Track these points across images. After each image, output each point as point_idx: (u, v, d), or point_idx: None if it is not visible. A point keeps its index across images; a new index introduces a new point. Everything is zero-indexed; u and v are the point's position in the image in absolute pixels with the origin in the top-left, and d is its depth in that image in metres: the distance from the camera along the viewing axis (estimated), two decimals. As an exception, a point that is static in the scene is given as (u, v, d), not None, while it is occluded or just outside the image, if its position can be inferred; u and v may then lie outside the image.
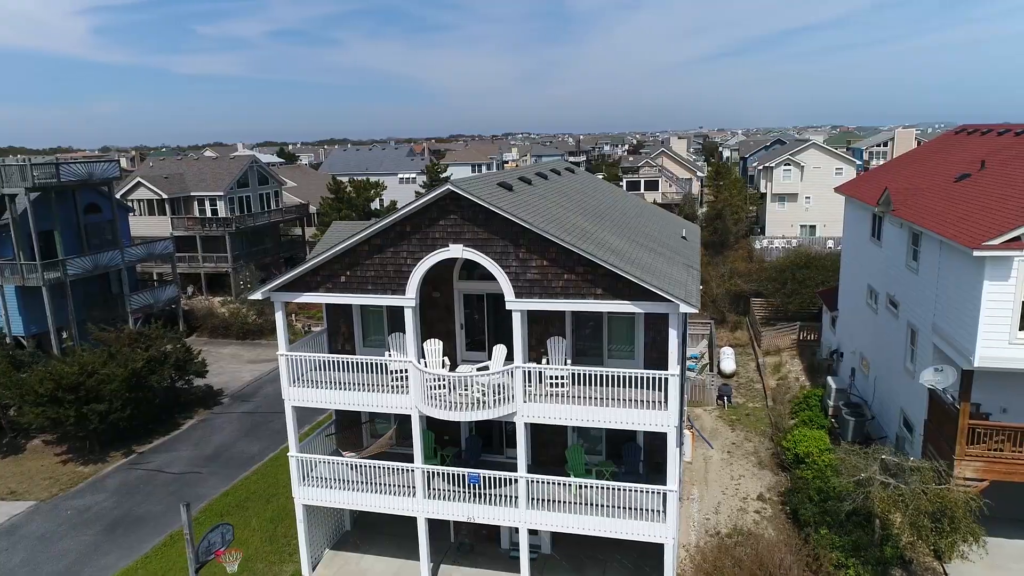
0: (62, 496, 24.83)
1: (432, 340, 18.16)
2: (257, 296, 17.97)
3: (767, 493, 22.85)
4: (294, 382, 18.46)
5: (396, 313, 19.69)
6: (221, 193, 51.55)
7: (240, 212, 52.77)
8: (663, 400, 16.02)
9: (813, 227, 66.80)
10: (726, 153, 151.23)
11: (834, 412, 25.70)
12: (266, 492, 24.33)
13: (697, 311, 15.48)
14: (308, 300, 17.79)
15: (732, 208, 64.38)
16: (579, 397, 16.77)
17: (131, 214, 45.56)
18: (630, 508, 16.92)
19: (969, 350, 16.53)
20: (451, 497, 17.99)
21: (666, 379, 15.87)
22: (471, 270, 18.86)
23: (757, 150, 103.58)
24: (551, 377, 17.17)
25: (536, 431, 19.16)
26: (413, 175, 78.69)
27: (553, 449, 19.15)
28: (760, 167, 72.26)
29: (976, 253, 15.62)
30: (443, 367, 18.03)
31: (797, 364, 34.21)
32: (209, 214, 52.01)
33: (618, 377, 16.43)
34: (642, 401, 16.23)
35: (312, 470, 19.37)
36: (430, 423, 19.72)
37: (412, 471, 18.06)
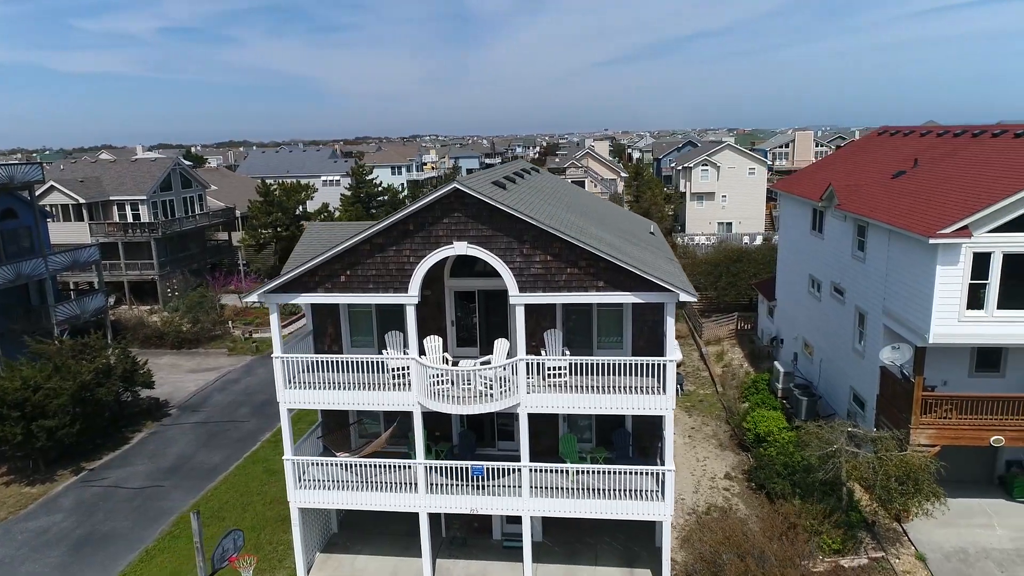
0: (13, 519, 23.34)
1: (432, 337, 18.44)
2: (253, 298, 17.71)
3: (732, 472, 24.32)
4: (289, 384, 18.26)
5: (387, 313, 19.86)
6: (143, 197, 49.20)
7: (164, 217, 50.52)
8: (661, 385, 16.96)
9: (730, 224, 70.44)
10: (636, 155, 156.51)
11: (784, 394, 27.60)
12: (239, 501, 23.75)
13: (696, 299, 16.51)
14: (306, 301, 17.68)
15: (656, 207, 67.06)
16: (578, 386, 17.48)
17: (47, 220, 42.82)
18: (630, 490, 17.78)
19: (924, 329, 18.37)
20: (452, 491, 18.32)
21: (664, 365, 16.82)
22: (462, 268, 19.26)
23: (670, 151, 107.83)
24: (550, 368, 17.80)
25: (530, 420, 19.73)
26: (337, 177, 77.43)
27: (545, 439, 19.76)
28: (679, 167, 75.44)
29: (932, 241, 17.43)
30: (444, 363, 18.32)
31: (738, 352, 36.30)
32: (130, 219, 49.52)
33: (617, 365, 17.25)
34: (641, 387, 17.13)
35: (306, 473, 19.18)
36: (422, 421, 19.97)
37: (415, 467, 18.26)
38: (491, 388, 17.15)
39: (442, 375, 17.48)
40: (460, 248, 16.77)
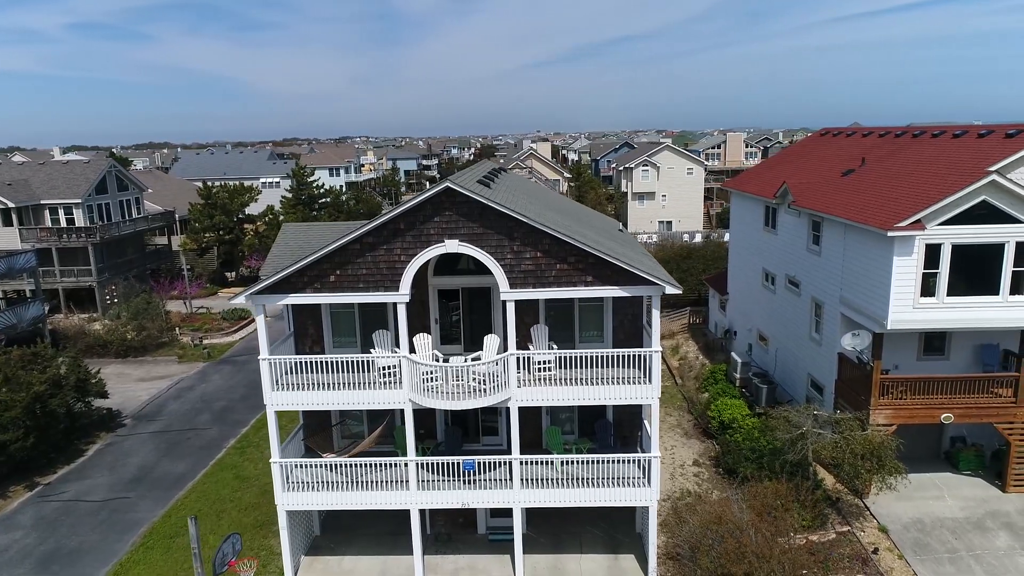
0: (-33, 539, 22.20)
1: (422, 335, 18.61)
2: (240, 300, 17.45)
3: (700, 459, 25.34)
4: (276, 386, 18.10)
5: (369, 313, 19.92)
6: (78, 200, 47.09)
7: (100, 220, 48.50)
8: (647, 375, 17.64)
9: (670, 223, 72.56)
10: (572, 156, 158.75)
11: (742, 383, 28.89)
12: (213, 509, 23.26)
13: (680, 291, 17.28)
14: (294, 301, 17.58)
15: (599, 207, 68.50)
16: (566, 379, 17.97)
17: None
18: (617, 477, 18.40)
19: (882, 316, 19.70)
20: (443, 486, 18.53)
21: (650, 356, 17.52)
22: (445, 266, 19.49)
23: (607, 152, 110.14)
24: (538, 362, 18.25)
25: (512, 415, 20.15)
26: (277, 179, 75.81)
27: (528, 432, 20.13)
28: (620, 168, 77.23)
29: (890, 234, 18.73)
30: (434, 361, 18.52)
31: (692, 345, 37.65)
32: (64, 223, 47.34)
33: (604, 357, 17.84)
34: (628, 378, 17.77)
35: (292, 475, 19.02)
36: (400, 418, 20.10)
37: (407, 464, 18.38)
38: (483, 383, 17.47)
39: (434, 372, 17.68)
40: (452, 246, 17.03)
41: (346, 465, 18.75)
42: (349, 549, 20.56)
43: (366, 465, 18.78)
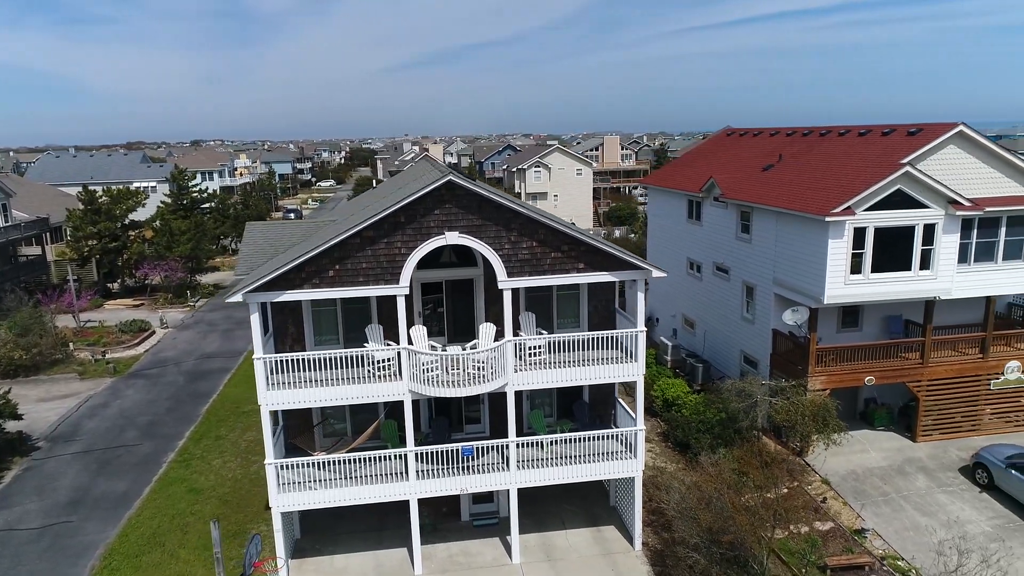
0: None
1: (417, 326, 18.90)
2: (238, 298, 16.99)
3: (649, 435, 27.07)
4: (270, 386, 17.76)
5: (352, 310, 19.92)
6: (-61, 208, 42.25)
7: (-34, 230, 43.72)
8: (632, 354, 18.97)
9: (562, 221, 75.21)
10: (450, 159, 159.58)
11: (674, 364, 31.09)
12: (174, 524, 22.14)
13: (665, 275, 18.74)
14: (292, 298, 17.34)
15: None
16: (555, 362, 18.92)
17: None
18: (603, 452, 19.60)
19: (819, 292, 22.24)
20: (440, 474, 18.92)
21: (636, 335, 18.85)
22: (428, 260, 19.83)
23: (490, 155, 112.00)
24: (530, 348, 19.09)
25: (494, 403, 20.88)
26: (153, 183, 71.08)
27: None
28: (512, 169, 79.17)
29: (827, 219, 21.24)
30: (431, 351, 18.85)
31: (614, 334, 39.69)
32: (-79, 234, 42.26)
33: (593, 339, 19.01)
34: (614, 358, 19.03)
35: (285, 476, 18.67)
36: (390, 413, 20.31)
37: (404, 455, 18.60)
38: (483, 370, 18.07)
39: (434, 362, 18.07)
40: (452, 238, 17.53)
41: (341, 462, 18.68)
42: (335, 548, 20.39)
43: (362, 460, 18.81)
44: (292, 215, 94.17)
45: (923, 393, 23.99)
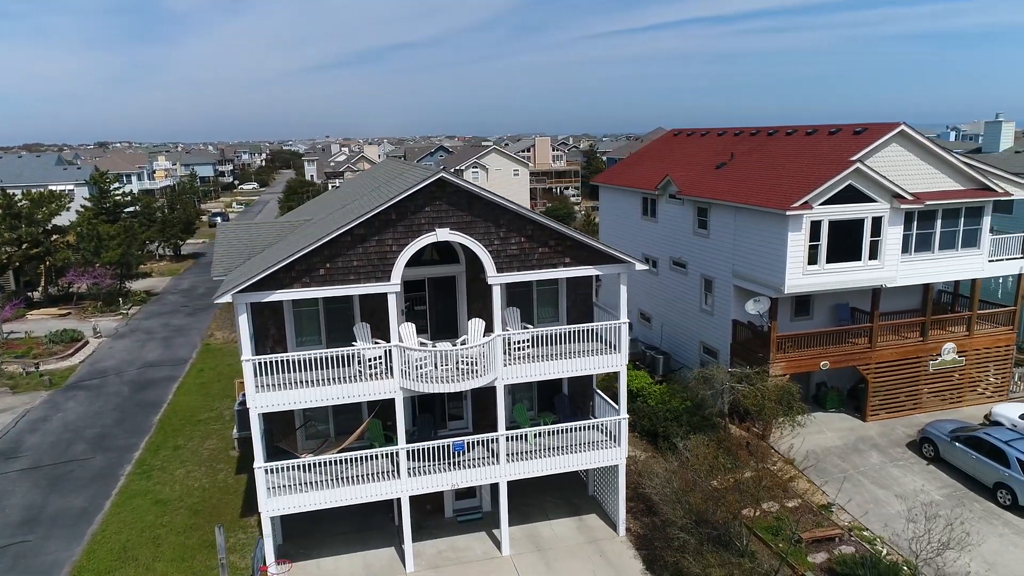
0: None
1: (406, 324, 18.89)
2: (228, 299, 16.57)
3: (616, 426, 27.86)
4: (260, 388, 17.40)
5: (334, 310, 19.72)
6: None
7: None
8: (617, 345, 19.56)
9: (501, 222, 75.74)
10: (375, 159, 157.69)
11: (635, 356, 31.95)
12: (145, 537, 21.29)
13: (647, 268, 19.38)
14: (281, 297, 17.04)
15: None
16: (540, 355, 19.31)
17: None
18: (589, 442, 20.12)
19: (779, 283, 23.47)
20: (431, 471, 18.97)
21: (620, 327, 19.44)
22: (412, 258, 19.85)
23: (423, 157, 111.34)
24: (516, 342, 19.39)
25: (476, 399, 21.08)
26: (71, 186, 67.29)
27: (493, 412, 21.09)
28: (450, 170, 78.99)
29: (788, 213, 22.46)
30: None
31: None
32: None
33: (577, 332, 19.50)
34: (596, 350, 19.57)
35: (278, 479, 18.30)
36: (375, 412, 20.19)
37: (396, 454, 18.57)
38: (474, 365, 18.26)
39: (425, 358, 18.13)
40: (443, 234, 17.65)
41: (332, 462, 18.47)
42: (320, 552, 20.10)
43: (353, 460, 18.65)
44: (218, 219, 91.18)
45: (872, 375, 25.64)
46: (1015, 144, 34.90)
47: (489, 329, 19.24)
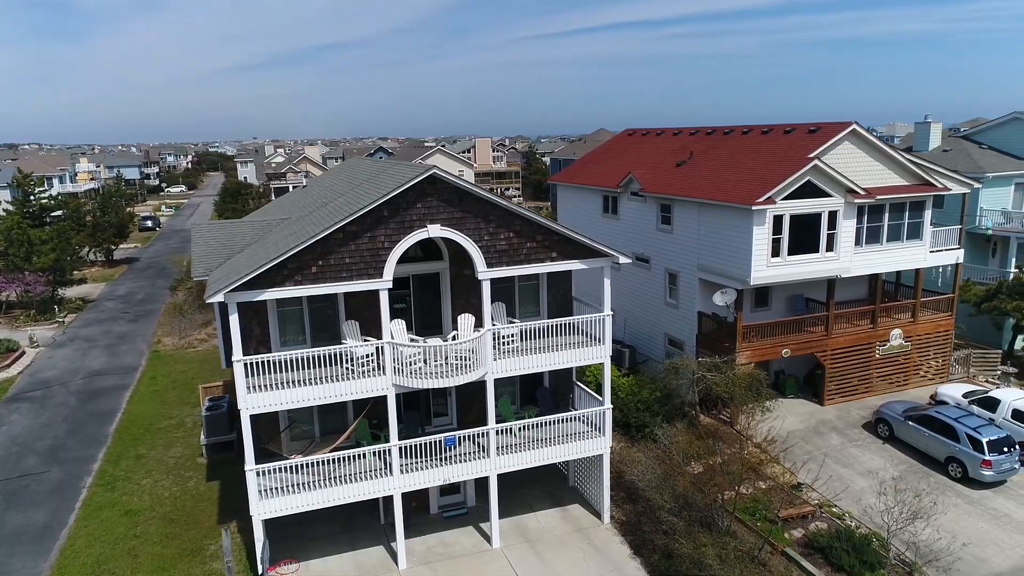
0: None
1: (396, 321, 18.87)
2: (220, 298, 16.21)
3: (587, 419, 28.43)
4: (251, 389, 17.09)
5: (318, 309, 19.57)
6: None
7: None
8: (601, 337, 20.05)
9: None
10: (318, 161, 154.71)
11: (598, 352, 32.68)
12: (120, 549, 20.52)
13: (631, 261, 19.95)
14: (272, 296, 16.81)
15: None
16: (526, 349, 19.63)
17: None
18: (572, 433, 20.55)
19: (745, 275, 24.49)
20: (422, 467, 19.03)
21: (604, 319, 19.95)
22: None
23: (363, 158, 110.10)
24: (504, 336, 19.64)
25: (460, 395, 21.24)
26: (-10, 189, 63.56)
27: (476, 408, 21.37)
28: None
29: (753, 208, 23.48)
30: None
31: (527, 328, 40.86)
32: None
33: (563, 325, 19.91)
34: (580, 342, 20.02)
35: (268, 481, 17.98)
36: (361, 411, 20.11)
37: (388, 451, 18.54)
38: (465, 360, 18.43)
39: (417, 354, 18.18)
40: (434, 231, 17.76)
41: (323, 462, 18.29)
42: (309, 554, 19.85)
43: (344, 459, 18.52)
44: (149, 223, 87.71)
45: (828, 361, 27.04)
46: (942, 143, 37.29)
47: (476, 324, 19.43)
